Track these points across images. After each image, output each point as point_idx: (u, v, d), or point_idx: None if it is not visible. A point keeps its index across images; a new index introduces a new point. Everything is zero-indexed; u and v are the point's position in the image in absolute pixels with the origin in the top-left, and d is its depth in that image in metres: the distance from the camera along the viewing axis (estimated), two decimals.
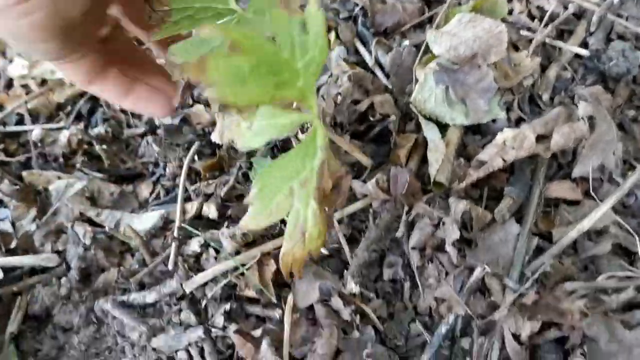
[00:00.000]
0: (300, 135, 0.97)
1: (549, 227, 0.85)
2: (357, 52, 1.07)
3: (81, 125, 1.11)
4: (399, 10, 1.07)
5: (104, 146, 1.06)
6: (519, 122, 0.93)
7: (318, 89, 1.02)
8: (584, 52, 0.95)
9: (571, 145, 0.84)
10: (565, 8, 1.01)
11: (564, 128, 0.84)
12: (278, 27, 0.74)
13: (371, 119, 0.96)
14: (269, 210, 0.74)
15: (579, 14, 1.02)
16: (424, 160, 0.92)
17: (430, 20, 1.08)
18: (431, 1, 1.11)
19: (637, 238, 0.79)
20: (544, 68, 0.98)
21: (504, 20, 1.02)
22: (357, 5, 1.11)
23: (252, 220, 0.75)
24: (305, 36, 0.75)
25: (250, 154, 0.98)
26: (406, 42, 1.03)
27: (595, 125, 0.86)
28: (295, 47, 0.74)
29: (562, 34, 1.01)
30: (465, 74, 0.90)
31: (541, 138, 0.86)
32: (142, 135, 1.10)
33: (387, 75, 1.02)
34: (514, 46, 0.98)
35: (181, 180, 0.97)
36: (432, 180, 0.87)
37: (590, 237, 0.82)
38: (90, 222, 0.98)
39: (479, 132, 0.94)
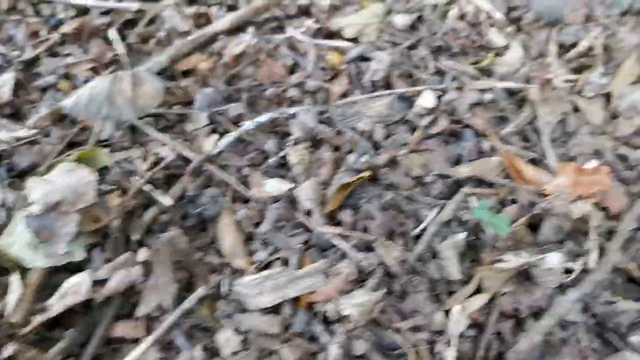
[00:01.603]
0: None
1: None
2: None
3: None
4: (34, 151, 1.17)
5: None
6: (109, 260, 1.03)
7: None
8: (168, 202, 1.09)
9: (123, 288, 0.95)
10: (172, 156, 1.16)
11: (120, 273, 0.96)
12: None
13: None
14: None
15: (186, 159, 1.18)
16: None
17: None
18: (74, 143, 1.22)
19: None
20: (146, 209, 1.11)
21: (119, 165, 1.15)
22: None
23: None
24: None
25: None
26: None
27: (153, 269, 0.98)
28: None
29: (170, 178, 1.16)
30: (53, 220, 1.00)
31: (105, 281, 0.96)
32: None
33: None
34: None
35: None
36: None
37: None
38: None
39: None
